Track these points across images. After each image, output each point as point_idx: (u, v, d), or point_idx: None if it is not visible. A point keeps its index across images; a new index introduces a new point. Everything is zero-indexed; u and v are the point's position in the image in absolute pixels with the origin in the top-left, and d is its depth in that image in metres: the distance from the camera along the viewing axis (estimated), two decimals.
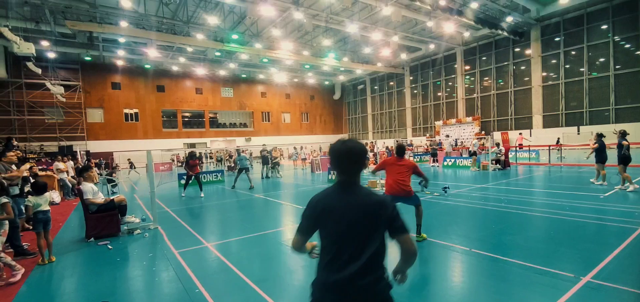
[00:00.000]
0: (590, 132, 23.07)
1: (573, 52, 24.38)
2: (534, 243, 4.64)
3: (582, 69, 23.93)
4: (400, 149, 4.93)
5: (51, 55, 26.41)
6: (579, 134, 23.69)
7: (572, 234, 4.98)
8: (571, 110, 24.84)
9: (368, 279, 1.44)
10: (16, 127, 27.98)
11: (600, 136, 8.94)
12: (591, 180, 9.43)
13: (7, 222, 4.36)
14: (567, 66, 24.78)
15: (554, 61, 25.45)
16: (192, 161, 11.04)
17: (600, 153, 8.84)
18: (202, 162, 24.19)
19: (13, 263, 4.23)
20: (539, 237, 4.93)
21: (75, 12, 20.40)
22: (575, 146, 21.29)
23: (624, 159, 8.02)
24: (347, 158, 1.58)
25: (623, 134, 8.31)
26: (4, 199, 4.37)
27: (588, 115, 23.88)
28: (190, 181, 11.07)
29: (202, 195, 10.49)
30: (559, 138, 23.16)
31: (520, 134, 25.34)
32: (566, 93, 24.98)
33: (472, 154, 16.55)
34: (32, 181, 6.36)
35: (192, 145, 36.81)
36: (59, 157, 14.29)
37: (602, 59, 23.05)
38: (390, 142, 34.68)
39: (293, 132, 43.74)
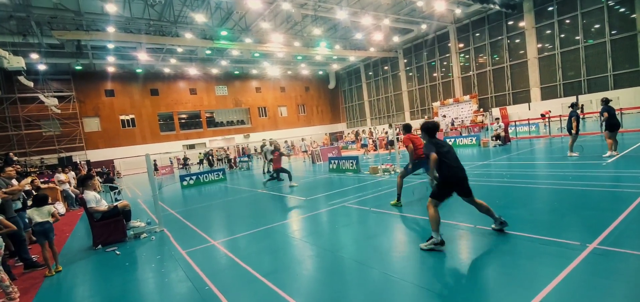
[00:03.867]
0: (589, 101, 22.96)
1: (567, 21, 24.12)
2: (538, 215, 4.66)
3: (577, 37, 23.71)
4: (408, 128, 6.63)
5: (42, 67, 26.16)
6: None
7: (577, 202, 4.99)
8: (569, 81, 24.71)
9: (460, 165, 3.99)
10: (15, 143, 27.89)
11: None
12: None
13: (2, 243, 4.05)
14: (562, 35, 24.54)
15: (548, 32, 25.21)
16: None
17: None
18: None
19: (9, 287, 3.91)
20: (543, 209, 4.94)
21: (61, 22, 20.09)
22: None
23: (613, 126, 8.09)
24: (436, 128, 4.14)
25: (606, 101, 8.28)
26: None
27: (586, 83, 23.77)
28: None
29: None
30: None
31: (547, 111, 24.63)
32: (563, 63, 24.80)
33: (390, 143, 15.48)
34: (34, 194, 6.35)
35: (191, 146, 36.75)
36: (60, 168, 14.27)
37: (597, 26, 22.82)
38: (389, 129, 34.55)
39: (291, 125, 43.59)
